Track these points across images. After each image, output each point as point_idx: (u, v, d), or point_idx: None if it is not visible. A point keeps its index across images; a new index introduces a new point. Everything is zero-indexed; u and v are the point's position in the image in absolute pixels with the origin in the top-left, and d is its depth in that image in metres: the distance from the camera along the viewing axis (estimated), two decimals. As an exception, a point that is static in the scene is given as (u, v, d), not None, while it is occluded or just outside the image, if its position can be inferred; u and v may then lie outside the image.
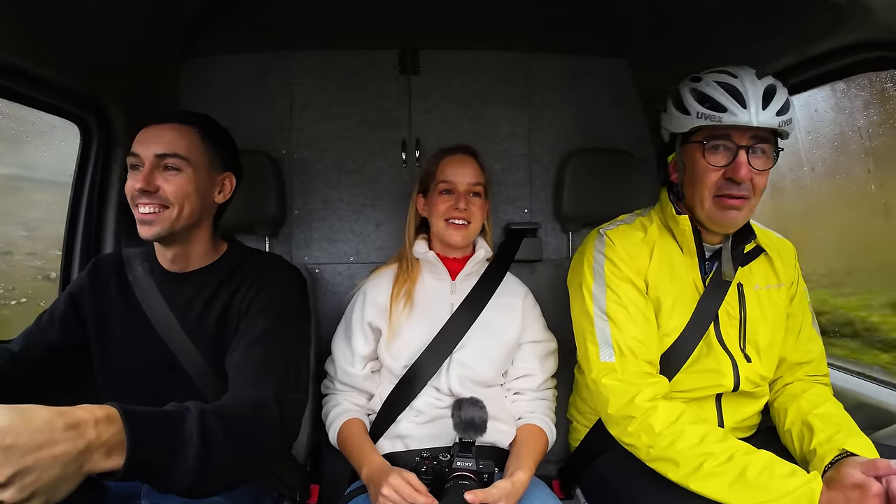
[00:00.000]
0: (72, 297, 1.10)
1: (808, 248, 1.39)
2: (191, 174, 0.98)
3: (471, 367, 1.15)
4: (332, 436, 1.16)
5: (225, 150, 1.07)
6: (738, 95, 0.96)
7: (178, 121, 1.01)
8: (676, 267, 1.10)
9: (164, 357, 1.02)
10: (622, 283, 1.07)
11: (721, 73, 1.00)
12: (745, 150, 0.97)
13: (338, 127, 1.61)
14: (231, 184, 1.08)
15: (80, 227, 1.41)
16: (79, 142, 1.39)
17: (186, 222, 1.00)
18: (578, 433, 1.23)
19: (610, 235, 1.11)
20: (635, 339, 1.03)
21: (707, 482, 0.88)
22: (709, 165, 1.00)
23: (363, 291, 1.24)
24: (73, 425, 0.55)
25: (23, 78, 1.13)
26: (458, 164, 1.22)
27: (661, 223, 1.14)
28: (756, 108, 0.94)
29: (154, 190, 0.96)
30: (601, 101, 1.68)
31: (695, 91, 1.01)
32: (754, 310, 1.10)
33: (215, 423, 0.71)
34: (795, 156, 1.64)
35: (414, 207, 1.28)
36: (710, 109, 0.97)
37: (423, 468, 0.95)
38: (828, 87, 1.45)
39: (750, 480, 0.85)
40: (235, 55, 1.59)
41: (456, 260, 1.26)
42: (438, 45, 1.64)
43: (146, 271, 1.07)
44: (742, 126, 0.96)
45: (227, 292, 1.04)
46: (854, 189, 1.61)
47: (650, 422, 0.96)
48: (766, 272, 1.13)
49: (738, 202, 1.00)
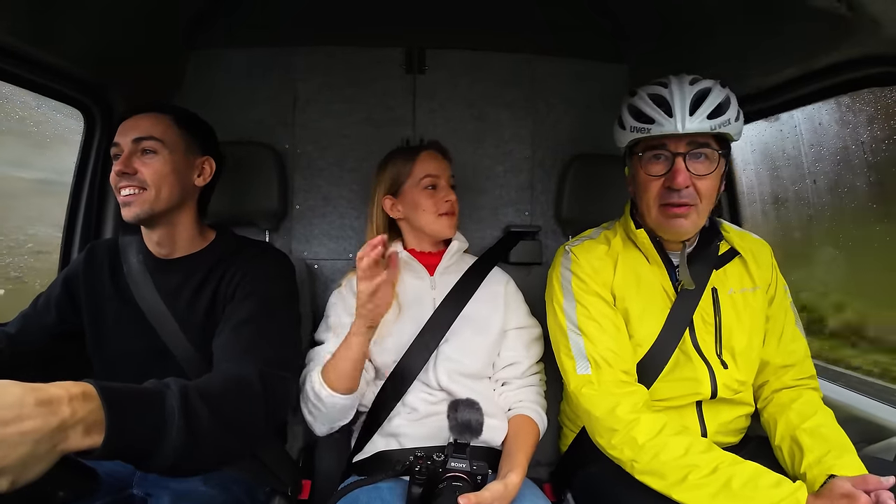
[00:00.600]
0: (67, 282, 1.11)
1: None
2: (167, 156, 1.02)
3: (457, 360, 1.16)
4: (313, 376, 1.08)
5: (202, 136, 1.10)
6: (665, 105, 0.98)
7: (153, 110, 1.05)
8: (643, 276, 1.11)
9: (155, 345, 1.03)
10: (589, 297, 1.09)
11: (655, 84, 1.03)
12: (683, 157, 0.99)
13: (341, 124, 1.61)
14: (211, 168, 1.10)
15: (80, 213, 1.41)
16: (82, 129, 1.39)
17: (166, 204, 1.02)
18: (568, 438, 1.24)
19: (575, 251, 1.14)
20: (609, 349, 1.04)
21: (691, 493, 0.88)
22: (648, 176, 1.03)
23: (341, 297, 1.23)
24: (46, 402, 0.52)
25: (29, 63, 1.13)
26: (435, 158, 1.25)
27: (625, 235, 1.15)
28: (682, 115, 0.96)
29: (132, 172, 1.00)
30: (605, 105, 1.67)
31: (630, 106, 1.04)
32: (729, 314, 1.10)
33: (197, 400, 0.70)
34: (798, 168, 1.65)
35: (380, 209, 1.26)
36: (641, 122, 1.01)
37: (417, 468, 0.95)
38: (832, 101, 1.45)
39: (735, 491, 0.85)
40: (240, 48, 1.59)
41: (431, 255, 1.27)
42: (445, 45, 1.64)
43: (140, 262, 1.08)
44: (674, 134, 0.98)
45: (215, 278, 1.05)
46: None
47: (633, 434, 0.96)
48: (741, 275, 1.13)
49: (681, 209, 1.01)
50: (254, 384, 0.83)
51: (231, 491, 1.02)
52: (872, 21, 0.92)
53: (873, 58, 1.02)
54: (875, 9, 0.90)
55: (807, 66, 1.16)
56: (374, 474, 1.05)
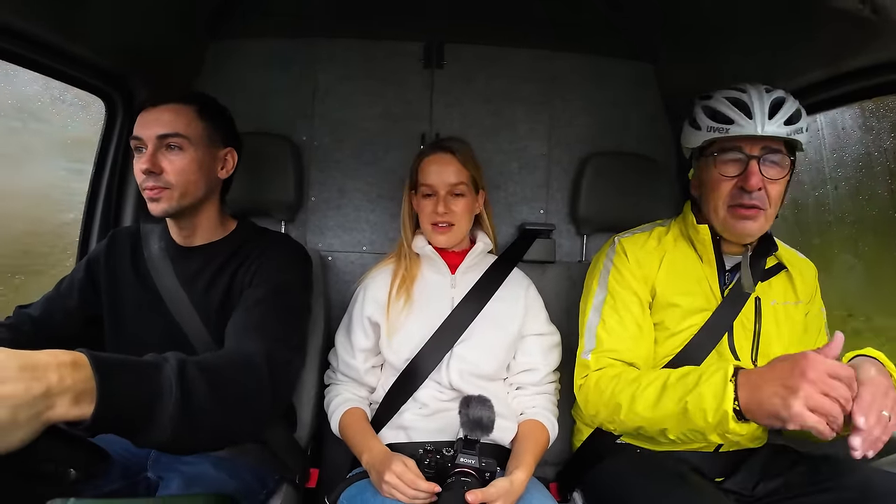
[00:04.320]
0: (89, 265, 1.13)
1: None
2: (192, 152, 1.01)
3: (471, 361, 1.16)
4: (334, 424, 1.17)
5: (224, 126, 1.09)
6: (745, 107, 1.00)
7: (175, 101, 1.03)
8: (692, 275, 1.12)
9: (171, 331, 1.04)
10: (623, 291, 1.12)
11: (731, 89, 1.04)
12: (757, 160, 1.01)
13: (359, 116, 1.61)
14: (233, 159, 1.10)
15: (100, 199, 1.43)
16: (104, 117, 1.41)
17: (192, 199, 1.03)
18: (582, 434, 1.24)
19: (623, 242, 1.18)
20: (621, 342, 1.08)
21: (642, 406, 0.96)
22: (721, 176, 1.04)
23: (363, 287, 1.25)
24: (30, 367, 0.51)
25: (53, 52, 1.15)
26: (437, 165, 1.20)
27: (681, 233, 1.17)
28: (762, 118, 0.98)
29: (159, 172, 0.99)
30: (623, 103, 1.66)
31: (705, 107, 1.06)
32: (770, 324, 1.11)
33: (196, 372, 0.68)
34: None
35: (408, 203, 1.27)
36: (719, 122, 1.02)
37: (426, 461, 0.96)
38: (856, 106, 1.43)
39: (670, 384, 0.94)
40: (261, 39, 1.60)
41: (455, 253, 1.26)
42: (463, 40, 1.63)
43: (161, 249, 1.09)
44: (751, 136, 1.00)
45: (234, 266, 1.06)
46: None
47: (599, 382, 1.05)
48: (786, 288, 1.14)
49: (751, 212, 1.03)
50: (257, 361, 0.82)
51: (241, 477, 1.03)
52: None
53: None
54: None
55: (832, 69, 1.14)
56: None
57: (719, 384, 0.86)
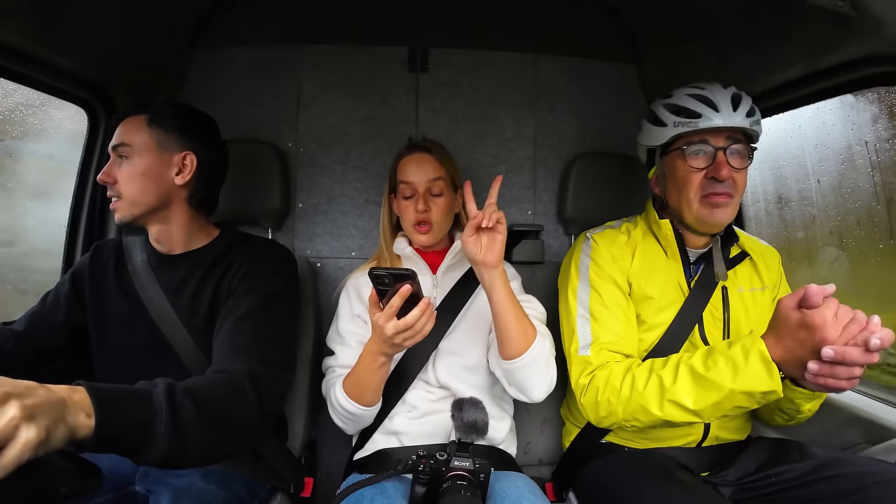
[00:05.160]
0: (74, 278, 1.12)
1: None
2: (137, 160, 1.03)
3: (457, 353, 1.15)
4: (340, 396, 1.08)
5: (180, 131, 1.06)
6: (710, 102, 1.05)
7: (131, 113, 1.06)
8: (660, 269, 1.15)
9: (156, 340, 1.04)
10: (605, 284, 1.13)
11: (691, 87, 1.09)
12: (723, 151, 1.06)
13: (344, 122, 1.61)
14: (192, 163, 1.07)
15: (84, 211, 1.42)
16: (86, 127, 1.39)
17: (144, 208, 1.04)
18: (571, 434, 1.24)
19: (595, 238, 1.20)
20: (617, 335, 1.09)
21: (677, 400, 0.94)
22: (691, 168, 1.08)
23: (348, 288, 1.24)
24: (41, 385, 0.56)
25: (35, 63, 1.14)
26: (415, 163, 1.22)
27: (646, 228, 1.20)
28: (727, 110, 1.04)
29: (112, 182, 1.03)
30: (608, 104, 1.67)
31: (668, 105, 1.10)
32: (738, 311, 1.14)
33: (183, 397, 0.73)
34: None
35: (387, 206, 1.28)
36: (686, 117, 1.06)
37: (421, 467, 0.95)
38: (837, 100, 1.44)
39: (702, 374, 0.91)
40: (244, 47, 1.59)
41: (435, 253, 1.26)
42: (448, 44, 1.63)
43: (144, 260, 1.09)
44: (716, 128, 1.05)
45: (218, 273, 1.06)
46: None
47: (611, 380, 1.02)
48: (751, 275, 1.18)
49: (723, 199, 1.07)
50: (242, 382, 0.85)
51: (232, 488, 1.02)
52: (876, 21, 0.93)
53: (878, 57, 1.02)
54: (879, 9, 0.90)
55: (812, 65, 1.16)
56: (376, 472, 1.05)
57: (759, 362, 0.86)
